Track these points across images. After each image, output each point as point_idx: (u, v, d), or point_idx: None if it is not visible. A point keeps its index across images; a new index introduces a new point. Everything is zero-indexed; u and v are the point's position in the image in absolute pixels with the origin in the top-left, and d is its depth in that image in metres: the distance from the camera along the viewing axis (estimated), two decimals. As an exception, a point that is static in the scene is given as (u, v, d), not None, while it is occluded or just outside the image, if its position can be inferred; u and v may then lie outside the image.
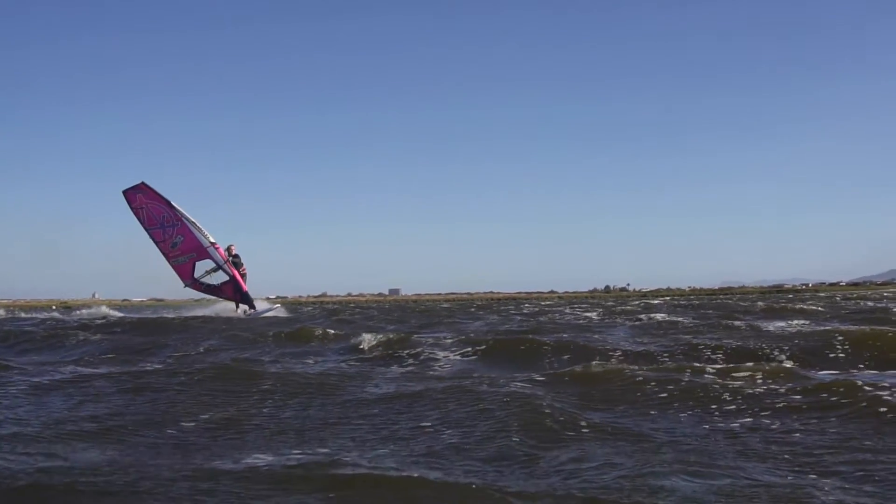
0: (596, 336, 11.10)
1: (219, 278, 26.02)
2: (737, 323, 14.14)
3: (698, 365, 6.82)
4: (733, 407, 5.04)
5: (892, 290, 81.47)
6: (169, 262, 26.10)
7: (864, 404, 4.88)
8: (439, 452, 3.93)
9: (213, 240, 26.25)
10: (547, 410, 4.67)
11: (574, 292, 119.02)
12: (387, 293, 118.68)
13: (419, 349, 8.91)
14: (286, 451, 3.94)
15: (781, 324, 13.54)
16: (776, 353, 8.20)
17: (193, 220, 26.06)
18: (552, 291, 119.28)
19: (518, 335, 10.14)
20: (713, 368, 6.58)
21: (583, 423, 4.44)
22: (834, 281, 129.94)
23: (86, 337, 12.99)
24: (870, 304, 26.15)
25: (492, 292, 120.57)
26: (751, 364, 6.70)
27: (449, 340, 10.05)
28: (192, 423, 4.72)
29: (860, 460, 3.71)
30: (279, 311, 26.77)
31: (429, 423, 4.61)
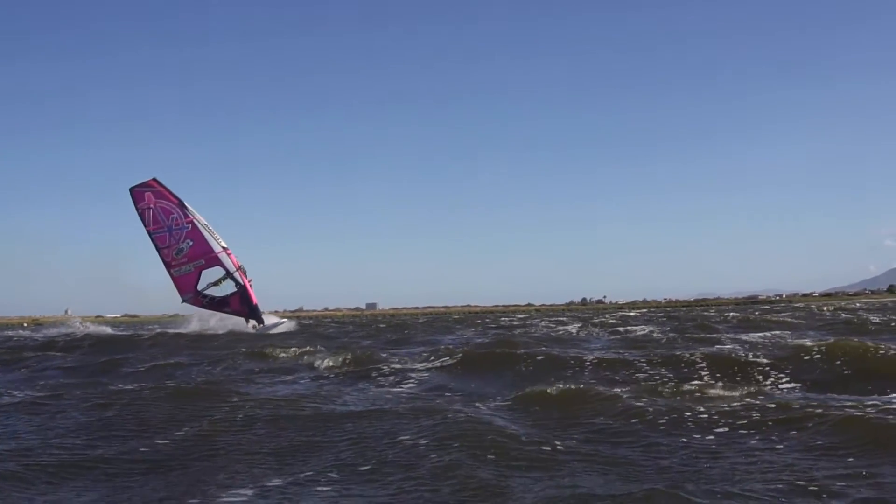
0: (571, 351, 10.88)
1: (224, 290, 23.78)
2: (713, 335, 13.99)
3: (673, 384, 6.66)
4: (714, 429, 4.86)
5: (864, 300, 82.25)
6: (170, 272, 23.64)
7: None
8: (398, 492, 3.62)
9: (224, 244, 24.13)
10: (514, 434, 4.46)
11: (551, 305, 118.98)
12: (364, 307, 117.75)
13: (388, 366, 8.66)
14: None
15: (759, 335, 13.42)
16: (753, 370, 8.02)
17: (206, 223, 23.85)
18: (529, 304, 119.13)
19: (488, 350, 9.85)
20: (690, 386, 6.43)
21: (551, 448, 4.21)
22: (807, 291, 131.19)
23: (51, 355, 12.59)
24: (843, 315, 26.21)
25: (469, 306, 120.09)
26: (729, 383, 6.57)
27: (419, 357, 9.83)
28: (158, 451, 4.44)
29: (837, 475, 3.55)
30: (288, 326, 24.78)
31: (383, 458, 4.23)
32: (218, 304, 23.46)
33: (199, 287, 23.65)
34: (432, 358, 9.34)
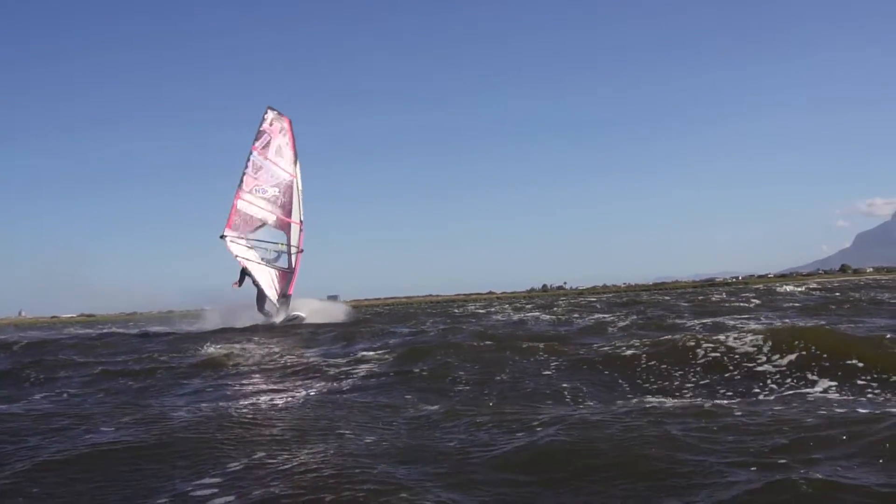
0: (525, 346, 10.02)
1: (273, 259, 19.60)
2: (679, 321, 13.31)
3: (631, 394, 5.86)
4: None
5: (818, 279, 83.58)
6: (235, 200, 18.95)
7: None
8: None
9: (302, 219, 20.59)
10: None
11: (512, 292, 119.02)
12: (325, 299, 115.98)
13: (327, 371, 7.67)
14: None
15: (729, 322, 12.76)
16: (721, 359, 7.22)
17: (301, 189, 20.45)
18: (491, 292, 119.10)
19: (431, 347, 8.85)
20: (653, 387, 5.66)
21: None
22: (763, 273, 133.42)
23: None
24: (801, 294, 26.02)
25: (431, 295, 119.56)
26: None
27: (365, 356, 8.89)
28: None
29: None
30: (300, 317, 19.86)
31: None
32: (258, 274, 18.87)
33: (250, 236, 19.15)
34: (372, 360, 8.42)
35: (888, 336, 6.48)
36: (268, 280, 19.09)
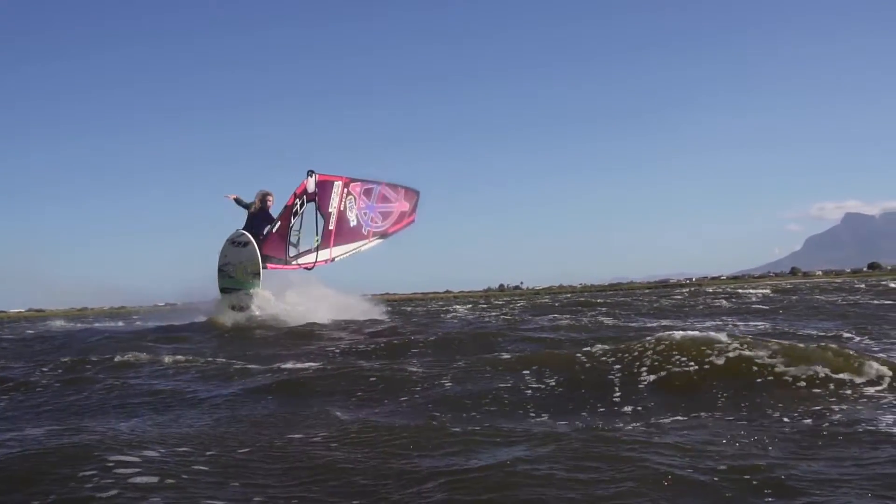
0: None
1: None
2: (651, 323, 12.78)
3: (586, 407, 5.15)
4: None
5: (769, 282, 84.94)
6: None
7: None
8: None
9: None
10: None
11: (469, 291, 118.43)
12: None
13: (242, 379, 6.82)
14: None
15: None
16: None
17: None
18: (447, 291, 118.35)
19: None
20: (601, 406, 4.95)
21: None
22: (716, 275, 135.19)
23: None
24: (755, 296, 25.91)
25: (387, 293, 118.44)
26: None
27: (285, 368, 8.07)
28: None
29: None
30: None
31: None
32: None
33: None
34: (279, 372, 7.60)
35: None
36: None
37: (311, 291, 15.32)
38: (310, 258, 15.06)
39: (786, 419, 4.15)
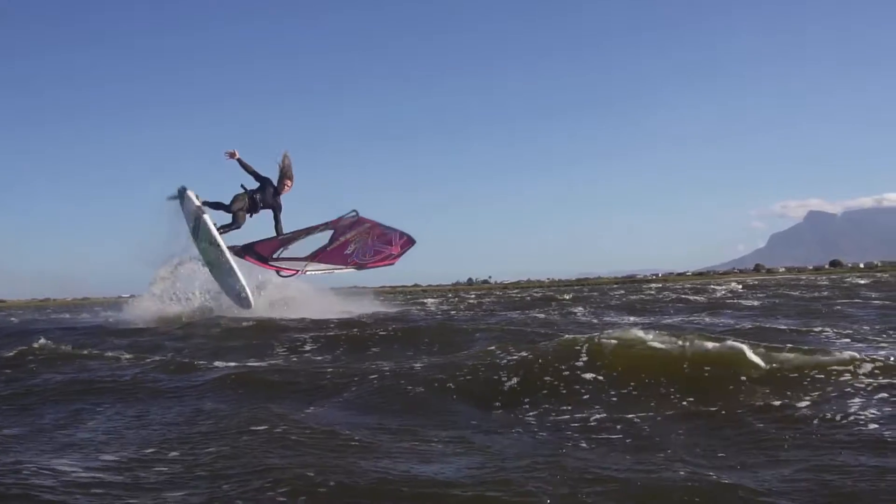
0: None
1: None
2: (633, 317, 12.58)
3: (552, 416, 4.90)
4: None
5: (735, 278, 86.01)
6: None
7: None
8: None
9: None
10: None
11: (437, 285, 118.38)
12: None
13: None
14: None
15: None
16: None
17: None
18: (416, 285, 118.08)
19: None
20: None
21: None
22: (682, 271, 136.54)
23: None
24: (720, 292, 26.00)
25: (356, 287, 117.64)
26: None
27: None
28: None
29: None
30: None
31: None
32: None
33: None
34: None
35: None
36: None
37: (285, 285, 14.54)
38: (286, 264, 14.44)
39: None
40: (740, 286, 32.59)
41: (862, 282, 37.34)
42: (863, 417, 3.76)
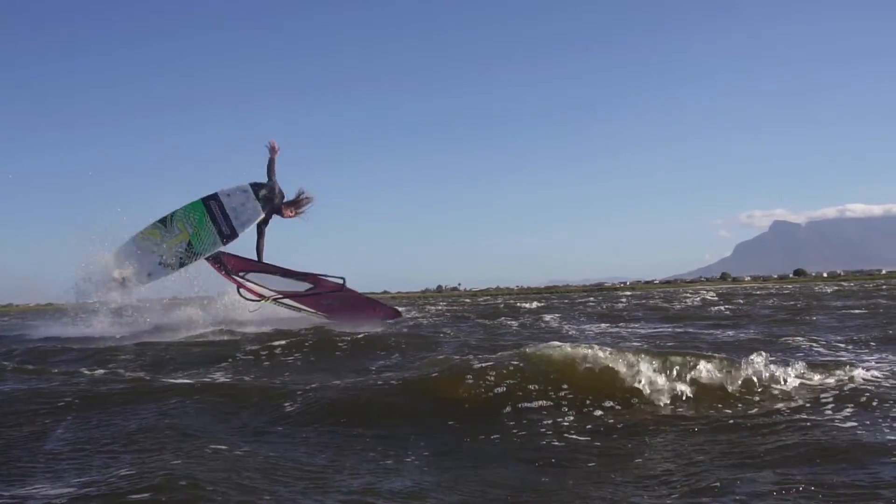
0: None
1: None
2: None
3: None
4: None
5: (702, 286, 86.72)
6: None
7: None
8: None
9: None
10: None
11: (407, 292, 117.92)
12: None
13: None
14: None
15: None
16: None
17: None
18: (385, 292, 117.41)
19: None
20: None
21: None
22: (649, 279, 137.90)
23: None
24: (692, 299, 25.94)
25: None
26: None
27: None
28: None
29: None
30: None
31: None
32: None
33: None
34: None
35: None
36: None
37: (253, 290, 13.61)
38: (253, 287, 13.27)
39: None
40: (715, 295, 32.62)
41: (829, 290, 37.73)
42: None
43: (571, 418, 4.01)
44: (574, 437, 3.66)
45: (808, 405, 4.08)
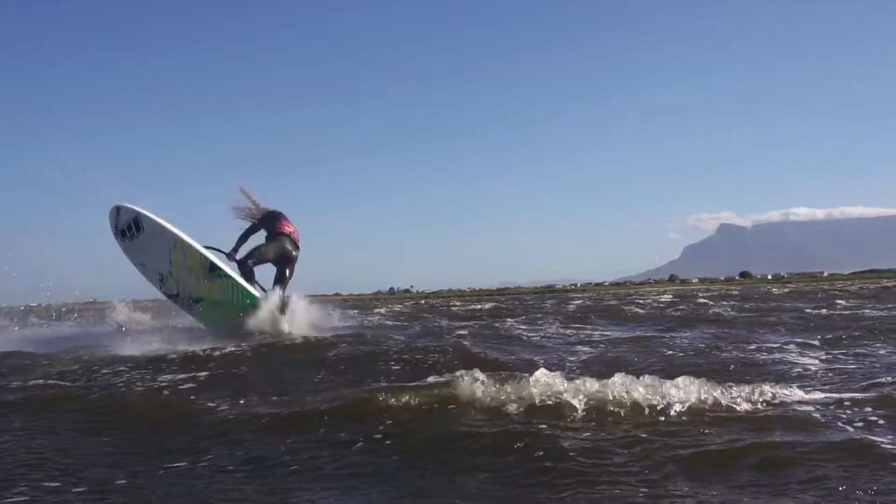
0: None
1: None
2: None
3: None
4: None
5: (650, 288, 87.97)
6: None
7: None
8: None
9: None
10: None
11: (359, 294, 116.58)
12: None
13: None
14: None
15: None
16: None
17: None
18: (337, 294, 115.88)
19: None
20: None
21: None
22: (599, 281, 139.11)
23: None
24: (642, 301, 25.95)
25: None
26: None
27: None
28: None
29: None
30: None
31: None
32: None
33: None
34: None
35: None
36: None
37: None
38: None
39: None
40: (670, 296, 32.78)
41: (775, 290, 38.32)
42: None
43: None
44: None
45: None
